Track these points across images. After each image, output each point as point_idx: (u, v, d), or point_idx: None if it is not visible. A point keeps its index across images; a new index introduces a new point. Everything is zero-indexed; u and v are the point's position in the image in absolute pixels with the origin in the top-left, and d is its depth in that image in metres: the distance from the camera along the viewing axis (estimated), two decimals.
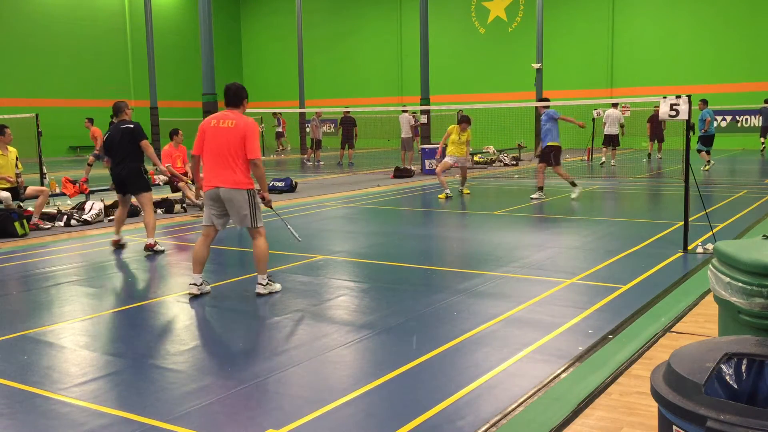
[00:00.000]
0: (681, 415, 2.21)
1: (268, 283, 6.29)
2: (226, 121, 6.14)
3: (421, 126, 21.35)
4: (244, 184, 6.12)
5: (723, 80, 29.13)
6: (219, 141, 6.10)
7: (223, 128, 6.12)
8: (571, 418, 3.57)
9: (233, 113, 6.20)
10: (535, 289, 6.23)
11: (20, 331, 5.29)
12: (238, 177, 6.09)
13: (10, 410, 3.83)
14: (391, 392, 4.00)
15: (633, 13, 31.03)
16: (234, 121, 6.11)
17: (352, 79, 38.55)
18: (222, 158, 6.09)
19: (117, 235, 8.80)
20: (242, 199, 6.12)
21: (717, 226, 8.93)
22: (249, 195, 6.16)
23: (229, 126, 6.11)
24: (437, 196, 13.77)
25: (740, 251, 3.44)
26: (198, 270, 6.29)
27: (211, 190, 6.19)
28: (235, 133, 6.07)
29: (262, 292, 6.22)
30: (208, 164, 6.19)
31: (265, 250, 6.26)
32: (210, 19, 13.74)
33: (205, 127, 6.24)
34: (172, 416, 3.69)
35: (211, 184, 6.18)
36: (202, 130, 6.24)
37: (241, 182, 6.11)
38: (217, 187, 6.14)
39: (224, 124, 6.12)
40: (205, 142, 6.20)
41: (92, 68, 34.03)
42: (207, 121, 6.30)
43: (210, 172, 6.18)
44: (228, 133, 6.08)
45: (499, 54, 34.36)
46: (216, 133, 6.14)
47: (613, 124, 20.39)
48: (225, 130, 6.10)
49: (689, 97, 7.64)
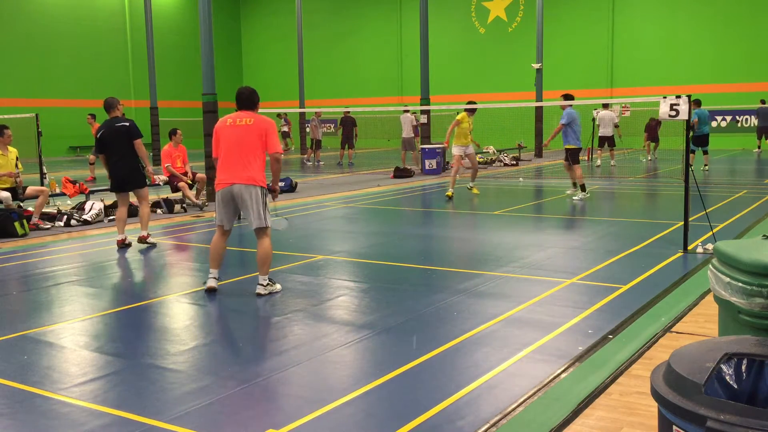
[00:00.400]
0: (681, 415, 2.21)
1: (269, 284, 6.30)
2: (244, 119, 6.25)
3: (421, 126, 21.35)
4: (259, 181, 6.21)
5: (723, 80, 29.13)
6: (236, 138, 6.19)
7: (241, 126, 6.22)
8: (571, 418, 3.57)
9: (249, 113, 6.32)
10: (535, 289, 6.23)
11: (20, 331, 5.29)
12: (253, 173, 6.15)
13: (10, 410, 3.84)
14: (391, 392, 4.00)
15: (633, 13, 31.03)
16: (252, 119, 6.23)
17: (352, 79, 38.55)
18: (238, 155, 6.15)
19: (122, 235, 8.77)
20: (255, 195, 6.18)
21: (717, 226, 8.93)
22: (262, 193, 6.24)
23: (248, 123, 6.21)
24: (445, 194, 13.69)
25: (740, 251, 3.44)
26: (216, 266, 6.36)
27: (224, 189, 6.24)
28: (254, 129, 6.18)
29: (262, 292, 6.22)
30: (224, 162, 6.25)
31: (269, 251, 6.29)
32: (210, 19, 13.73)
33: (219, 128, 6.32)
34: (172, 416, 3.69)
35: (225, 182, 6.23)
36: (217, 131, 6.33)
37: (257, 179, 6.19)
38: (231, 185, 6.19)
39: (242, 122, 6.24)
40: (221, 140, 6.27)
41: (92, 68, 34.01)
42: (222, 121, 6.39)
43: (225, 170, 6.22)
44: (246, 130, 6.18)
45: (499, 54, 34.36)
46: (233, 131, 6.22)
47: (608, 125, 20.34)
48: (243, 128, 6.21)
49: (689, 97, 7.64)
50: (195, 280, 6.98)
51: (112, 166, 8.57)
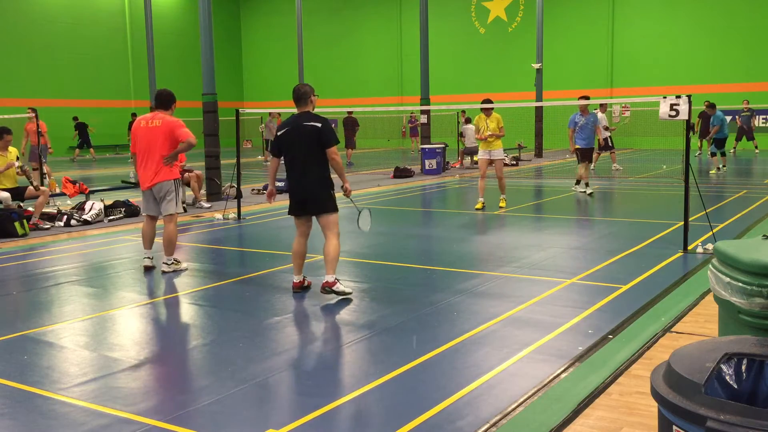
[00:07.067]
0: (681, 415, 2.21)
1: (173, 263, 7.20)
2: (154, 121, 7.01)
3: (420, 126, 21.36)
4: (168, 176, 7.08)
5: (723, 80, 29.12)
6: (147, 141, 6.97)
7: (151, 128, 7.00)
8: (571, 418, 3.57)
9: (160, 115, 7.03)
10: (535, 289, 6.23)
11: (20, 331, 5.29)
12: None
13: (10, 410, 3.84)
14: (391, 392, 3.99)
15: (633, 13, 31.01)
16: (160, 121, 7.00)
17: (352, 79, 38.53)
18: (150, 156, 6.98)
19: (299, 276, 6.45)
20: (166, 188, 7.07)
21: (717, 226, 8.93)
22: (175, 184, 7.18)
23: (156, 125, 7.00)
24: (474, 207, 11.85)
25: (740, 251, 3.44)
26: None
27: (145, 191, 7.15)
28: (160, 131, 6.97)
29: (166, 270, 7.13)
30: (140, 162, 7.06)
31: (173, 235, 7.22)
32: (210, 19, 13.72)
33: (135, 129, 7.12)
34: (172, 416, 3.69)
35: (144, 184, 7.10)
36: (134, 132, 7.13)
37: (166, 175, 7.04)
38: (149, 188, 7.08)
39: (152, 124, 7.00)
40: (138, 141, 7.07)
41: (92, 68, 34.00)
42: (137, 123, 7.09)
43: (142, 171, 7.05)
44: (155, 132, 6.98)
45: (499, 54, 34.35)
46: (145, 133, 7.00)
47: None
48: (153, 130, 7.01)
49: (689, 97, 7.64)
50: (195, 280, 6.98)
51: (289, 179, 6.34)
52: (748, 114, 25.23)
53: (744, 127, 25.38)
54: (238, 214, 11.21)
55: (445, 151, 20.30)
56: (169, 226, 7.22)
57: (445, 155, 20.27)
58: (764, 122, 28.67)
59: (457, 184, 14.55)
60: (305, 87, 6.22)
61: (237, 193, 11.45)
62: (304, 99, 6.15)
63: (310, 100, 6.17)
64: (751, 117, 25.48)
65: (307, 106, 6.17)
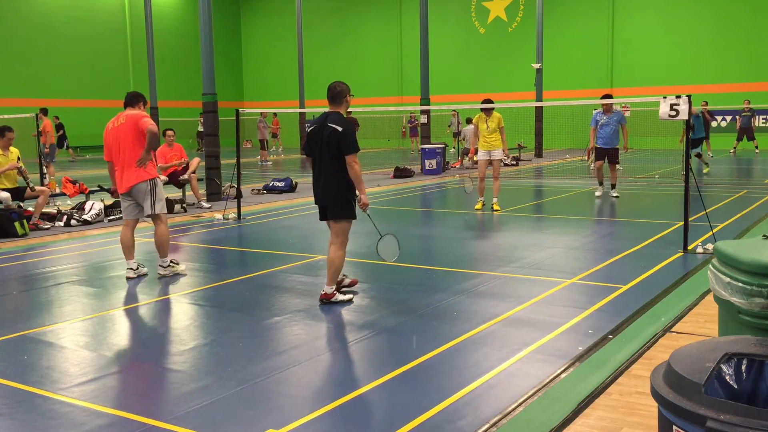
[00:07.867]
0: (681, 415, 2.21)
1: (170, 265, 7.06)
2: (119, 119, 6.97)
3: (420, 126, 21.37)
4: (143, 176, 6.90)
5: (723, 80, 29.12)
6: (115, 141, 6.91)
7: (117, 127, 6.91)
8: (571, 418, 3.57)
9: (126, 113, 6.96)
10: (535, 289, 6.23)
11: (20, 331, 5.29)
12: (137, 172, 6.83)
13: (10, 410, 3.83)
14: (391, 392, 3.99)
15: (633, 13, 31.02)
16: (125, 118, 6.90)
17: (352, 79, 38.21)
18: (122, 158, 6.89)
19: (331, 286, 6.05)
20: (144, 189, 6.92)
21: (717, 226, 8.93)
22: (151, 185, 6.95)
23: (122, 123, 6.90)
24: (474, 207, 11.86)
25: (740, 251, 3.44)
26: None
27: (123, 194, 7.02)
28: (125, 126, 6.87)
29: (161, 273, 7.01)
30: (116, 166, 6.99)
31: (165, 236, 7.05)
32: (210, 19, 13.73)
33: (105, 134, 7.02)
34: (172, 416, 3.69)
35: (120, 189, 7.01)
36: (105, 137, 7.00)
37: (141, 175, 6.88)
38: (126, 191, 6.96)
39: (117, 123, 6.93)
40: (110, 145, 6.99)
41: (92, 68, 34.01)
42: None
43: (118, 175, 6.97)
44: (120, 130, 6.88)
45: (499, 54, 34.35)
46: (113, 135, 6.92)
47: None
48: (119, 128, 6.89)
49: (689, 97, 7.64)
50: (195, 280, 6.98)
51: (314, 180, 6.13)
52: (748, 114, 25.24)
53: (744, 127, 25.34)
54: (238, 214, 11.21)
55: (445, 151, 20.32)
56: (160, 228, 7.04)
57: (445, 155, 20.30)
58: (764, 122, 28.70)
59: (457, 184, 14.55)
60: (341, 85, 5.89)
61: (237, 193, 11.45)
62: (339, 98, 5.84)
63: (345, 99, 5.85)
64: (752, 117, 25.48)
65: (341, 106, 5.84)
